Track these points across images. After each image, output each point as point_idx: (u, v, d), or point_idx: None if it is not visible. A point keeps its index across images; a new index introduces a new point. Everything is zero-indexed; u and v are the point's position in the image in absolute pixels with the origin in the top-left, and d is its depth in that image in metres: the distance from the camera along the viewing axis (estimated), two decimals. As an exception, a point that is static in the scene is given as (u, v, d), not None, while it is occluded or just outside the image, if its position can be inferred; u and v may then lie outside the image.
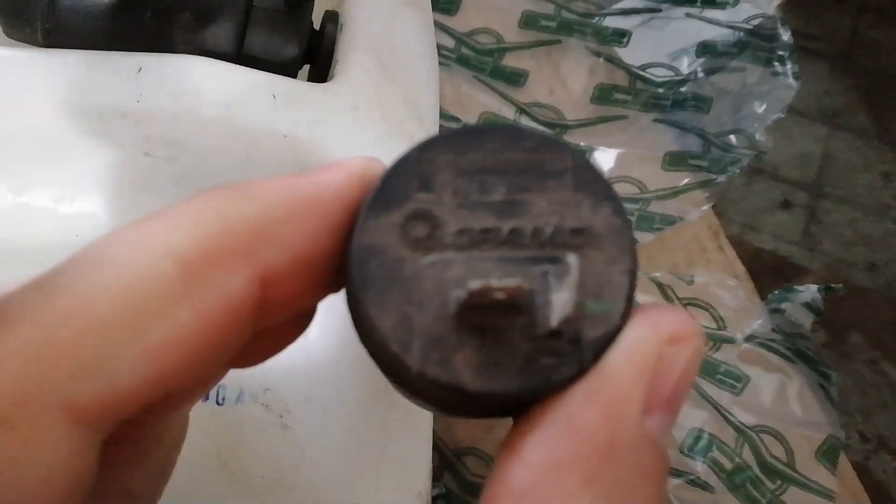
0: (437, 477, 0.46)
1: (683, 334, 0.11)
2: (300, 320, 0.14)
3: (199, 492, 0.25)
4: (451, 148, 0.12)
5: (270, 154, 0.31)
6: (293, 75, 0.34)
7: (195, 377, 0.11)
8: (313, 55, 0.34)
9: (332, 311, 0.15)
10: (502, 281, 0.11)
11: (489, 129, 0.12)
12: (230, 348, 0.11)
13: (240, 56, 0.33)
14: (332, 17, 0.35)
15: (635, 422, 0.11)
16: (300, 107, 0.31)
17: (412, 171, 0.12)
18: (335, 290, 0.13)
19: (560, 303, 0.11)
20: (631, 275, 0.11)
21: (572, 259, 0.11)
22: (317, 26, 0.35)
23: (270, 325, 0.12)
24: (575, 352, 0.11)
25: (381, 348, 0.11)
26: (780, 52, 0.56)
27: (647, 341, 0.11)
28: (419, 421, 0.29)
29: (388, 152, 0.35)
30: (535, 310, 0.11)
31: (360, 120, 0.32)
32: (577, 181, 0.12)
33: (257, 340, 0.12)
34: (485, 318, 0.11)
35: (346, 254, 0.12)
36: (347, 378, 0.27)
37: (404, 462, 0.28)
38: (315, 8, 0.35)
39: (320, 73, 0.35)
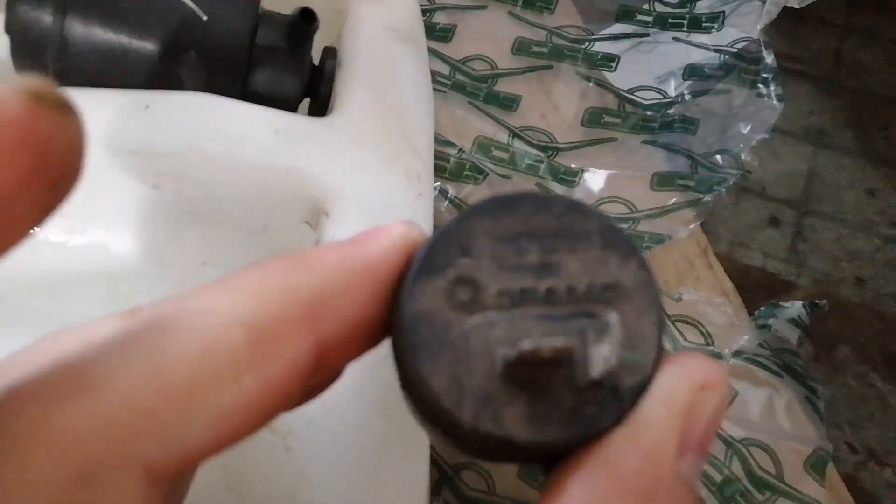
0: (436, 491, 0.47)
1: (713, 382, 0.12)
2: (337, 373, 0.15)
3: (207, 512, 0.26)
4: (487, 216, 0.13)
5: (273, 186, 0.32)
6: (294, 109, 0.36)
7: (251, 432, 0.12)
8: (314, 90, 0.36)
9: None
10: (549, 341, 0.12)
11: (520, 198, 0.13)
12: (285, 407, 0.12)
13: (244, 92, 0.34)
14: (331, 53, 0.37)
15: (671, 464, 0.12)
16: (301, 141, 0.32)
17: (453, 239, 0.13)
18: (373, 346, 0.14)
19: (602, 357, 0.12)
20: (660, 325, 0.12)
21: (613, 317, 0.12)
22: (316, 61, 0.37)
23: (315, 381, 0.13)
24: (614, 400, 0.12)
25: (434, 407, 0.12)
26: (765, 75, 0.57)
27: (680, 389, 0.12)
28: (416, 441, 0.30)
29: (386, 184, 0.36)
30: (576, 364, 0.12)
31: (358, 152, 0.33)
32: (604, 241, 0.13)
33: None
34: (530, 373, 0.12)
35: (392, 317, 0.13)
36: (348, 401, 0.28)
37: (402, 481, 0.29)
38: (315, 44, 0.36)
39: (320, 107, 0.36)
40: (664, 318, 0.13)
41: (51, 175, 0.09)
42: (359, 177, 0.32)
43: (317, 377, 0.13)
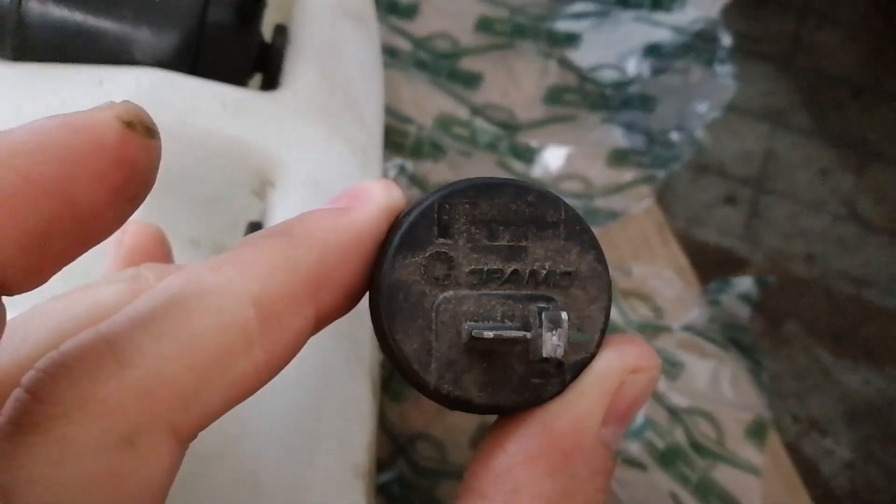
0: (390, 463, 0.49)
1: (644, 366, 0.15)
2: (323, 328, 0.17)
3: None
4: (466, 200, 0.14)
5: (221, 156, 0.33)
6: (244, 84, 0.37)
7: (255, 391, 0.14)
8: (264, 66, 0.37)
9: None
10: (507, 333, 0.14)
11: (500, 185, 0.15)
12: (283, 367, 0.14)
13: (194, 67, 0.36)
14: (281, 31, 0.38)
15: (594, 431, 0.14)
16: (248, 113, 0.34)
17: (433, 218, 0.14)
18: (357, 303, 0.15)
19: (551, 343, 0.14)
20: (606, 311, 0.15)
21: (564, 316, 0.14)
22: (269, 39, 0.38)
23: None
24: (558, 374, 0.14)
25: (405, 366, 0.14)
26: (721, 55, 0.59)
27: (613, 371, 0.15)
28: (358, 399, 0.32)
29: (331, 156, 0.37)
30: (529, 342, 0.14)
31: (304, 125, 0.34)
32: (568, 231, 0.15)
33: None
34: (489, 346, 0.14)
35: (373, 282, 0.15)
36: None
37: (342, 436, 0.31)
38: (267, 22, 0.38)
39: (270, 83, 0.38)
40: (610, 305, 0.15)
41: (133, 190, 0.12)
42: (303, 148, 0.34)
43: (309, 336, 0.15)
